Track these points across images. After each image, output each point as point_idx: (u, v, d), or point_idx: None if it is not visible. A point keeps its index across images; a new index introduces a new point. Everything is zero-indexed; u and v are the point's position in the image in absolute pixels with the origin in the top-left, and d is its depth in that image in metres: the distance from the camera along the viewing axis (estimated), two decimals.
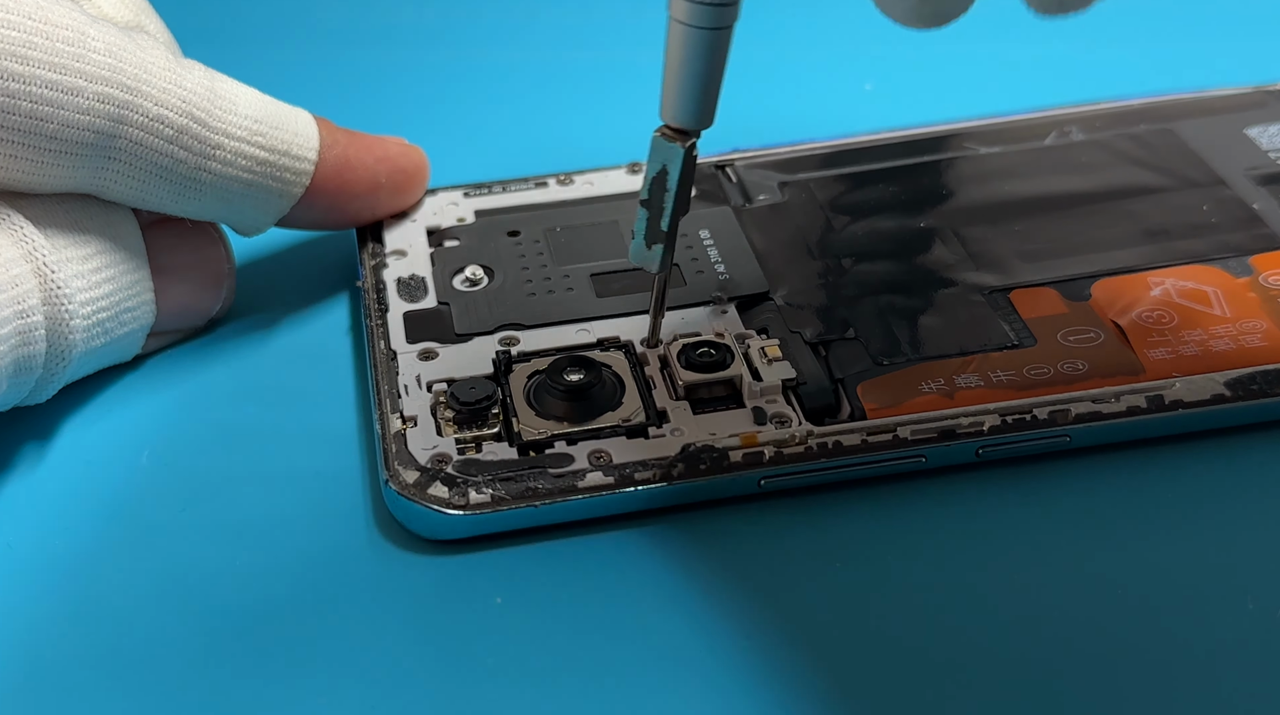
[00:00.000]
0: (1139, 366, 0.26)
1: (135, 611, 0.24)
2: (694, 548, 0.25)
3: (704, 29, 0.23)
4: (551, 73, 0.40)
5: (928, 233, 0.30)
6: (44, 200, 0.25)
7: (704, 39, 0.23)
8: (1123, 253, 0.29)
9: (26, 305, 0.24)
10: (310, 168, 0.28)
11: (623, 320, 0.28)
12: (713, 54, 0.24)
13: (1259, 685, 0.22)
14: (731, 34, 0.24)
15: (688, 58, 0.24)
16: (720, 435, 0.25)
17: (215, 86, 0.27)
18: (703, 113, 0.25)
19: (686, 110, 0.24)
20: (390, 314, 0.29)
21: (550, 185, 0.32)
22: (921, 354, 0.27)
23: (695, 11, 0.23)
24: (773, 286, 0.29)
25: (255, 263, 0.32)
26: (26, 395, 0.26)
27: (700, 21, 0.23)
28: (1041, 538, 0.25)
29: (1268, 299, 0.28)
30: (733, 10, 0.23)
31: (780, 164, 0.33)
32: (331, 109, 0.30)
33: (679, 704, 0.22)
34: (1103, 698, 0.22)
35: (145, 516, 0.25)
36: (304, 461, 0.27)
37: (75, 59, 0.24)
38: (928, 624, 0.23)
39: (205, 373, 0.29)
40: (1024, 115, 0.34)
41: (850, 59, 0.39)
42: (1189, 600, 0.23)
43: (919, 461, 0.25)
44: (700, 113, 0.24)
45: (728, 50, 0.24)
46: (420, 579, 0.24)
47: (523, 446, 0.25)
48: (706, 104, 0.24)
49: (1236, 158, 0.32)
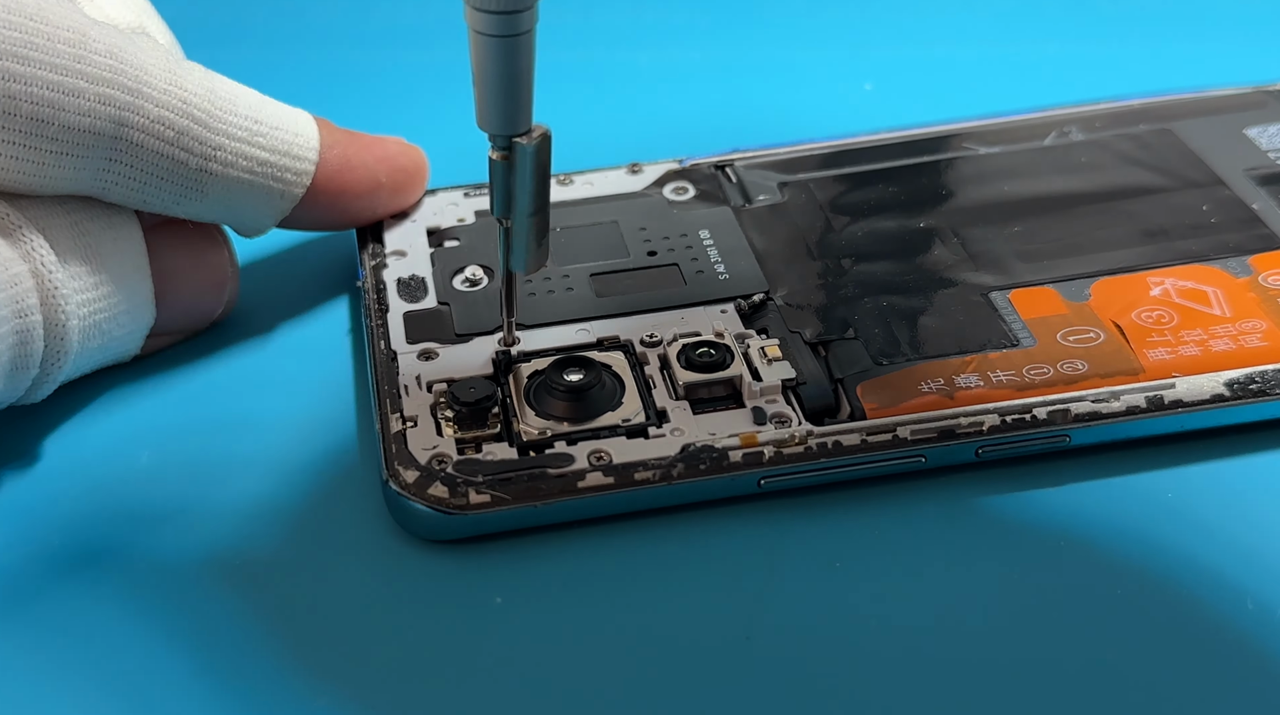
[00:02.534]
0: (1138, 366, 0.26)
1: (135, 611, 0.24)
2: (694, 548, 0.25)
3: (504, 37, 0.23)
4: (552, 73, 0.40)
5: (927, 233, 0.30)
6: (45, 202, 0.25)
7: (506, 47, 0.23)
8: (1122, 253, 0.29)
9: (24, 304, 0.24)
10: (311, 167, 0.28)
11: (623, 320, 0.28)
12: (519, 59, 0.23)
13: (1259, 685, 0.22)
14: (533, 38, 0.23)
15: (498, 66, 0.23)
16: (720, 435, 0.25)
17: (215, 87, 0.27)
18: (522, 116, 0.24)
19: (506, 117, 0.24)
20: (390, 314, 0.29)
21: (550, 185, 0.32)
22: (921, 354, 0.27)
23: (492, 22, 0.23)
24: (773, 286, 0.29)
25: (256, 263, 0.32)
26: (23, 394, 0.26)
27: (500, 31, 0.23)
28: (1042, 537, 0.25)
29: (1267, 299, 0.28)
30: (529, 15, 0.23)
31: (780, 164, 0.33)
32: (331, 109, 0.30)
33: (679, 704, 0.22)
34: (1102, 697, 0.22)
35: (145, 517, 0.26)
36: (304, 461, 0.27)
37: (76, 60, 0.24)
38: (928, 624, 0.23)
39: (205, 372, 0.29)
40: (1024, 115, 0.34)
41: (850, 59, 0.39)
42: (1189, 600, 0.23)
43: (919, 461, 0.25)
44: (521, 117, 0.24)
45: (533, 53, 0.23)
46: (420, 579, 0.24)
47: (523, 446, 0.25)
48: (525, 107, 0.24)
49: (1236, 158, 0.32)
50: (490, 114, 0.24)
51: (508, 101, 0.24)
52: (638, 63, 0.40)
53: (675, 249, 0.30)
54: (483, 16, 0.23)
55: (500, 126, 0.24)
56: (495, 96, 0.24)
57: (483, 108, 0.24)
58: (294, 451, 0.27)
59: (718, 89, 0.39)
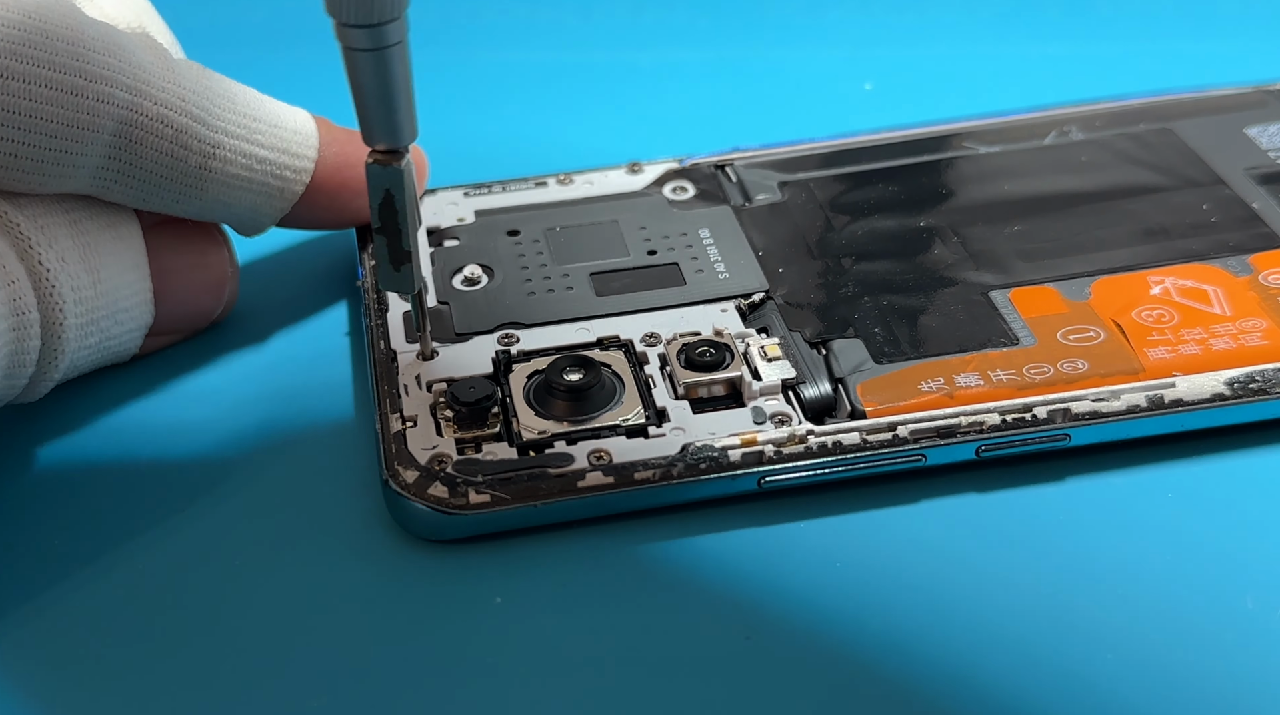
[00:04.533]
0: (1139, 365, 0.26)
1: (135, 612, 0.24)
2: (694, 547, 0.25)
3: (376, 50, 0.22)
4: (551, 73, 0.40)
5: (928, 232, 0.30)
6: (44, 200, 0.25)
7: (380, 60, 0.23)
8: (1123, 252, 0.29)
9: (21, 302, 0.24)
10: (310, 165, 0.28)
11: (622, 319, 0.28)
12: (394, 71, 0.23)
13: (1259, 684, 0.22)
14: (406, 48, 0.23)
15: (373, 81, 0.23)
16: (720, 434, 0.25)
17: (214, 86, 0.27)
18: (405, 128, 0.24)
19: (389, 130, 0.24)
20: (390, 314, 0.29)
21: (550, 185, 0.32)
22: (921, 353, 0.27)
23: (360, 36, 0.22)
24: (773, 286, 0.29)
25: (255, 263, 0.32)
26: (20, 393, 0.26)
27: (369, 44, 0.22)
28: (1042, 537, 0.25)
29: (1267, 298, 0.28)
30: (397, 27, 0.22)
31: (780, 164, 0.33)
32: (331, 109, 0.30)
33: (679, 704, 0.22)
34: (1102, 697, 0.22)
35: (145, 516, 0.25)
36: (304, 461, 0.27)
37: (75, 59, 0.24)
38: (928, 623, 0.23)
39: (205, 372, 0.29)
40: (1024, 115, 0.34)
41: (850, 59, 0.39)
42: (1188, 600, 0.23)
43: (919, 461, 0.25)
44: (403, 129, 0.24)
45: (409, 63, 0.23)
46: (420, 579, 0.24)
47: (523, 446, 0.25)
48: (406, 119, 0.24)
49: (1236, 157, 0.32)
50: (386, 127, 0.24)
51: (404, 110, 0.23)
52: (638, 63, 0.40)
53: (675, 248, 0.30)
54: (359, 33, 0.22)
55: (400, 137, 0.24)
56: (391, 108, 0.23)
57: (383, 123, 0.24)
58: (294, 451, 0.27)
59: (718, 89, 0.39)
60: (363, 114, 0.24)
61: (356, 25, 0.22)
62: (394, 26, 0.22)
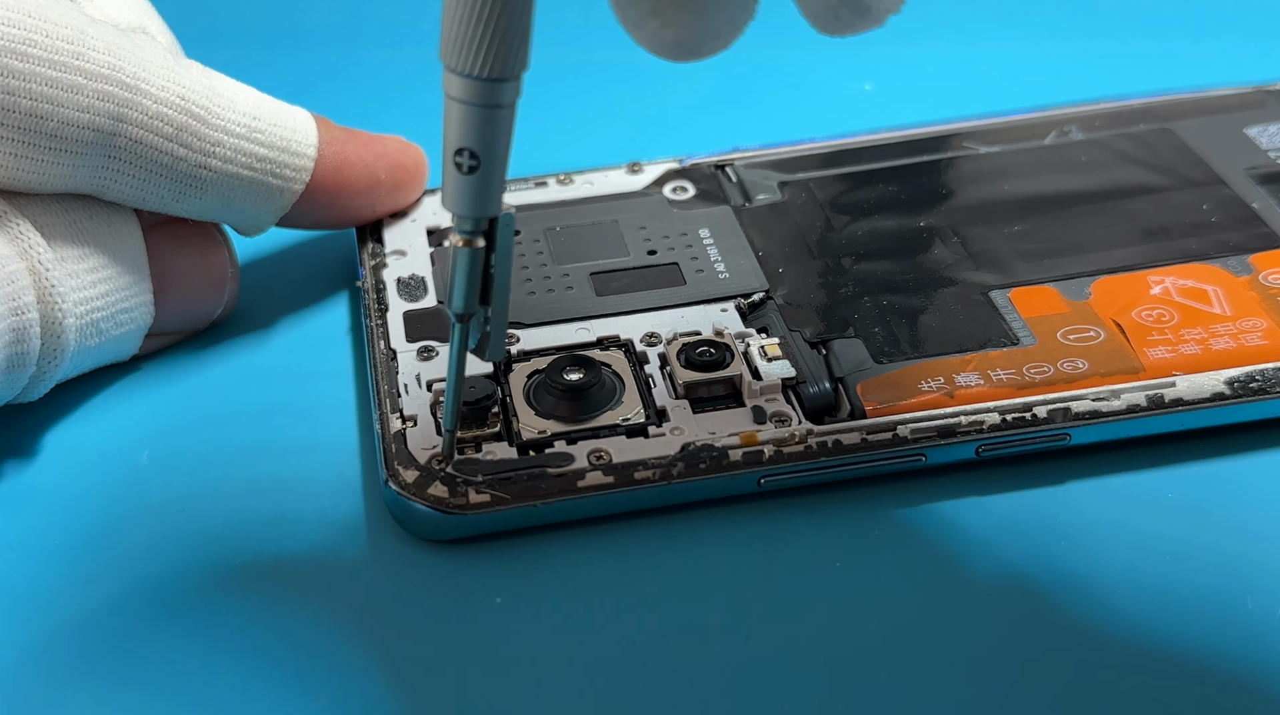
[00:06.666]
0: (1139, 365, 0.26)
1: (135, 612, 0.24)
2: (694, 548, 0.25)
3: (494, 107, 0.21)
4: (551, 73, 0.40)
5: (928, 232, 0.30)
6: (44, 200, 0.25)
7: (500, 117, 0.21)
8: (1122, 252, 0.29)
9: (21, 302, 0.24)
10: (310, 163, 0.28)
11: (622, 319, 0.28)
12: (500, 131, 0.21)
13: (1259, 684, 0.22)
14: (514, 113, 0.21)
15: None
16: (720, 434, 0.25)
17: (214, 85, 0.27)
18: (499, 194, 0.22)
19: (489, 197, 0.22)
20: (390, 313, 0.29)
21: (550, 185, 0.32)
22: (921, 353, 0.27)
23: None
24: (773, 286, 0.29)
25: (255, 263, 0.32)
26: (19, 393, 0.26)
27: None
28: (1041, 536, 0.25)
29: (1267, 297, 0.28)
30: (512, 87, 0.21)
31: (780, 164, 0.33)
32: (331, 109, 0.30)
33: (679, 704, 0.22)
34: (1101, 697, 0.22)
35: (144, 517, 0.25)
36: (303, 461, 0.27)
37: (75, 57, 0.24)
38: (928, 623, 0.23)
39: (205, 372, 0.29)
40: (1024, 115, 0.34)
41: (850, 59, 0.39)
42: (1189, 599, 0.23)
43: (919, 461, 0.25)
44: (498, 196, 0.22)
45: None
46: (420, 579, 0.24)
47: (523, 446, 0.25)
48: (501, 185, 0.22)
49: (1236, 157, 0.32)
50: (464, 194, 0.21)
51: (488, 178, 0.21)
52: (638, 63, 0.40)
53: (675, 248, 0.30)
54: (461, 82, 0.21)
55: (473, 208, 0.22)
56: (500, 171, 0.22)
57: (480, 192, 0.21)
58: (293, 452, 0.27)
59: (718, 89, 0.39)
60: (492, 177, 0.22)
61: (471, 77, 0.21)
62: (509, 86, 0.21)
